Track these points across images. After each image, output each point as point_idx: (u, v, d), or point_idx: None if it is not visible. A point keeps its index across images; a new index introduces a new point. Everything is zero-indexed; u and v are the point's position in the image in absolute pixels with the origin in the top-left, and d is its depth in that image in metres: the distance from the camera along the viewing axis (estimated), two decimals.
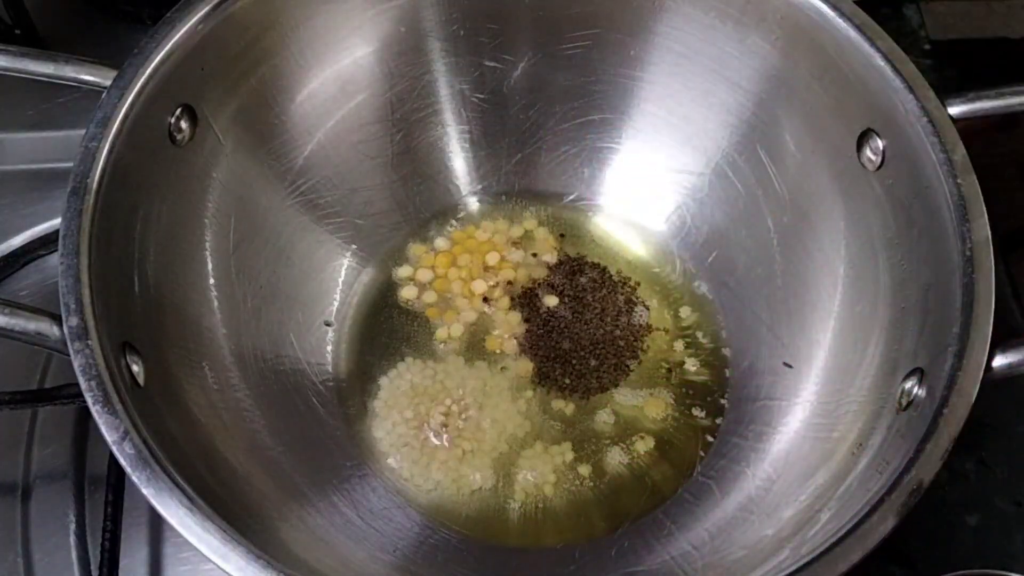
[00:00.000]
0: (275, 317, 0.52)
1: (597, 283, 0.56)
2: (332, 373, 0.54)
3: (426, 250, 0.57)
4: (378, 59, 0.54)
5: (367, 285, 0.56)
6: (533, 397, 0.53)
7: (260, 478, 0.45)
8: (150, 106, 0.44)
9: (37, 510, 0.51)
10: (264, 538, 0.39)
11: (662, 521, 0.49)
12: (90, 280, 0.40)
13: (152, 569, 0.49)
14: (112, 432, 0.37)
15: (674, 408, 0.53)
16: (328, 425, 0.52)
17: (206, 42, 0.46)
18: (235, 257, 0.51)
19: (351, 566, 0.45)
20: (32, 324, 0.40)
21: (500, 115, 0.57)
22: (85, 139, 0.43)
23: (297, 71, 0.52)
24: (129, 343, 0.41)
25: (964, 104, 0.45)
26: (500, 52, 0.55)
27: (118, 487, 0.48)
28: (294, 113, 0.53)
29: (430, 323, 0.56)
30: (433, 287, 0.56)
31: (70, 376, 0.39)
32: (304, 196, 0.54)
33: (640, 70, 0.55)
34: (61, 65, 0.45)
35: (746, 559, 0.44)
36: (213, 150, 0.49)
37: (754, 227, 0.54)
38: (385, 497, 0.50)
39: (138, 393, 0.40)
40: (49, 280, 0.57)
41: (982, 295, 0.40)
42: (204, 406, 0.45)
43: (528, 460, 0.51)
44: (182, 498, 0.36)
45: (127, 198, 0.44)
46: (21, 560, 0.49)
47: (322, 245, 0.55)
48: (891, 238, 0.46)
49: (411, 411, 0.52)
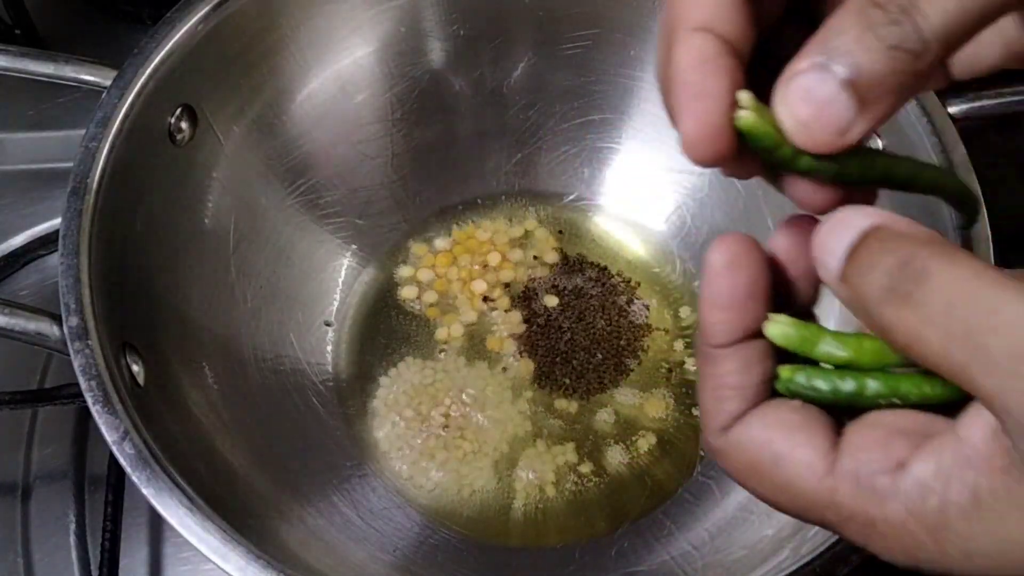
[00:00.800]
0: (275, 317, 0.52)
1: (597, 283, 0.56)
2: (332, 373, 0.54)
3: (427, 250, 0.57)
4: (378, 59, 0.54)
5: (367, 285, 0.56)
6: (533, 397, 0.53)
7: (260, 478, 0.45)
8: (150, 106, 0.44)
9: (37, 510, 0.51)
10: (264, 538, 0.39)
11: (662, 521, 0.49)
12: (90, 280, 0.40)
13: (152, 569, 0.49)
14: (112, 432, 0.37)
15: (674, 408, 0.53)
16: (328, 425, 0.52)
17: (206, 42, 0.46)
18: (235, 257, 0.51)
19: (351, 566, 0.45)
20: (32, 324, 0.40)
21: (500, 115, 0.57)
22: (85, 139, 0.43)
23: (297, 71, 0.52)
24: (129, 343, 0.41)
25: (964, 104, 0.45)
26: (500, 52, 0.55)
27: (118, 487, 0.48)
28: (294, 113, 0.53)
29: (430, 323, 0.55)
30: (433, 287, 0.56)
31: (70, 376, 0.39)
32: (304, 196, 0.54)
33: (640, 70, 0.55)
34: (61, 65, 0.45)
35: (746, 559, 0.44)
36: (213, 150, 0.49)
37: (754, 227, 0.54)
38: (385, 497, 0.50)
39: (138, 393, 0.40)
40: (49, 280, 0.57)
41: None
42: (204, 406, 0.45)
43: (529, 460, 0.51)
44: (182, 498, 0.36)
45: (127, 198, 0.44)
46: (21, 560, 0.49)
47: (322, 245, 0.55)
48: None
49: (411, 411, 0.52)
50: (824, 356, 0.24)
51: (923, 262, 0.21)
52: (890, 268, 0.21)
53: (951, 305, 0.20)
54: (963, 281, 0.20)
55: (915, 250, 0.21)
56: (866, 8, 0.21)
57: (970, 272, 0.20)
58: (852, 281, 0.22)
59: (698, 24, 0.23)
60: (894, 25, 0.21)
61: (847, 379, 0.24)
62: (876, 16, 0.21)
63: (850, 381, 0.24)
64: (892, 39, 0.21)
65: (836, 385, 0.24)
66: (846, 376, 0.24)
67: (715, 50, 0.23)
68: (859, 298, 0.22)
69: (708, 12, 0.23)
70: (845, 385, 0.24)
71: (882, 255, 0.21)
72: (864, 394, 0.23)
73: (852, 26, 0.21)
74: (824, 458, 0.23)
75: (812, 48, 0.21)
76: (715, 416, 0.24)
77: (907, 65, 0.21)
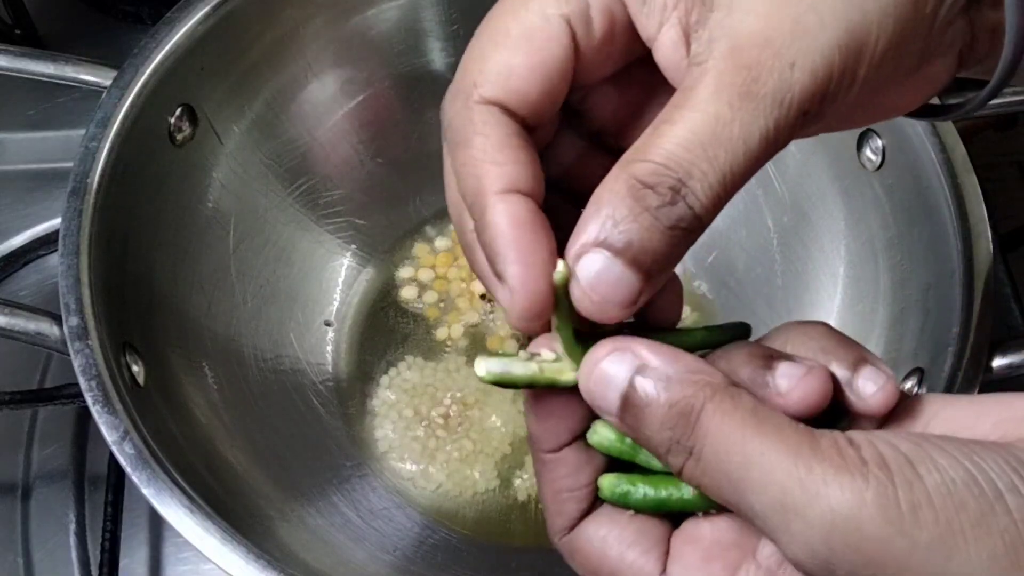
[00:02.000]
0: (275, 317, 0.52)
1: None
2: (332, 373, 0.54)
3: (428, 250, 0.57)
4: (378, 59, 0.54)
5: (367, 285, 0.56)
6: None
7: (260, 478, 0.45)
8: (150, 106, 0.44)
9: (37, 510, 0.51)
10: (264, 538, 0.39)
11: None
12: (90, 280, 0.40)
13: (152, 569, 0.49)
14: (112, 432, 0.37)
15: None
16: (328, 425, 0.52)
17: (206, 42, 0.46)
18: (235, 257, 0.51)
19: (351, 566, 0.45)
20: (32, 324, 0.40)
21: None
22: (85, 139, 0.42)
23: (297, 71, 0.52)
24: (129, 343, 0.41)
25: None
26: None
27: (118, 487, 0.48)
28: (294, 113, 0.52)
29: (430, 323, 0.56)
30: (433, 287, 0.56)
31: (70, 376, 0.39)
32: (304, 196, 0.54)
33: None
34: (61, 65, 0.45)
35: None
36: (213, 150, 0.49)
37: (754, 227, 0.54)
38: (385, 497, 0.50)
39: (138, 393, 0.40)
40: (49, 280, 0.57)
41: (982, 295, 0.40)
42: (204, 406, 0.45)
43: (529, 460, 0.51)
44: (182, 498, 0.36)
45: (127, 198, 0.44)
46: (21, 560, 0.49)
47: (322, 245, 0.55)
48: (891, 238, 0.46)
49: (411, 411, 0.52)
50: (646, 461, 0.24)
51: (698, 416, 0.22)
52: (671, 422, 0.22)
53: (721, 461, 0.21)
54: (729, 435, 0.21)
55: (691, 401, 0.22)
56: (635, 189, 0.22)
57: (738, 423, 0.21)
58: (634, 430, 0.23)
59: (505, 187, 0.24)
60: (669, 205, 0.22)
61: (668, 487, 0.24)
62: (648, 198, 0.22)
63: (670, 488, 0.24)
64: (669, 220, 0.22)
65: (655, 494, 0.24)
66: (668, 484, 0.24)
67: (529, 211, 0.24)
68: (643, 442, 0.23)
69: (512, 174, 0.24)
70: (664, 492, 0.24)
71: (659, 408, 0.22)
72: (684, 498, 0.24)
73: (625, 208, 0.22)
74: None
75: (592, 226, 0.22)
76: (556, 517, 0.25)
77: (685, 239, 0.22)
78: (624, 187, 0.22)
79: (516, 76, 0.24)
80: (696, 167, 0.22)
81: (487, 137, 0.24)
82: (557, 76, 0.25)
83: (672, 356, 0.23)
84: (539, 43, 0.24)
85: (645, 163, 0.22)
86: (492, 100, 0.24)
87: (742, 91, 0.22)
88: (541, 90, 0.24)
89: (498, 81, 0.24)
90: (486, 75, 0.24)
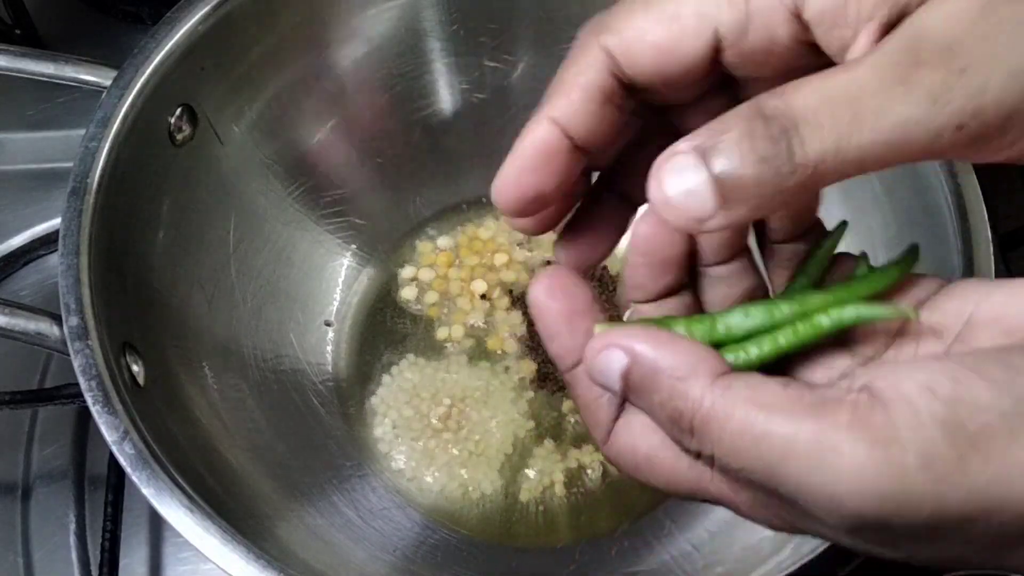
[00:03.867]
0: (275, 317, 0.52)
1: (598, 283, 0.56)
2: (332, 373, 0.54)
3: (430, 249, 0.57)
4: (378, 59, 0.54)
5: (367, 285, 0.56)
6: (535, 397, 0.53)
7: (260, 478, 0.45)
8: (150, 106, 0.44)
9: (37, 510, 0.51)
10: (264, 538, 0.39)
11: (662, 520, 0.49)
12: (90, 280, 0.40)
13: (152, 569, 0.49)
14: (112, 432, 0.37)
15: None
16: (328, 425, 0.52)
17: (206, 42, 0.46)
18: (235, 257, 0.51)
19: (351, 566, 0.45)
20: (32, 324, 0.40)
21: (501, 115, 0.57)
22: (85, 139, 0.42)
23: (297, 71, 0.52)
24: (129, 343, 0.41)
25: None
26: (500, 52, 0.55)
27: (118, 487, 0.48)
28: (294, 113, 0.52)
29: (430, 323, 0.55)
30: (434, 287, 0.56)
31: (70, 376, 0.39)
32: (304, 196, 0.54)
33: None
34: (61, 65, 0.45)
35: (746, 559, 0.44)
36: (213, 150, 0.49)
37: None
38: (385, 497, 0.50)
39: (138, 393, 0.40)
40: (49, 280, 0.57)
41: None
42: (204, 406, 0.45)
43: (531, 460, 0.51)
44: (182, 498, 0.36)
45: (127, 198, 0.44)
46: (21, 560, 0.49)
47: (322, 245, 0.55)
48: (891, 238, 0.46)
49: (411, 411, 0.52)
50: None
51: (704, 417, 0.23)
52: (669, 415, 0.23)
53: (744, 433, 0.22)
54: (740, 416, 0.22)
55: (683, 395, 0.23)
56: (753, 117, 0.22)
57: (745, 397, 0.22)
58: (637, 400, 0.25)
59: (553, 115, 0.26)
60: (770, 141, 0.21)
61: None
62: (758, 127, 0.22)
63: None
64: (764, 152, 0.21)
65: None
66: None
67: (556, 145, 0.26)
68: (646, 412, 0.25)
69: (566, 108, 0.26)
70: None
71: (653, 394, 0.24)
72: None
73: (735, 129, 0.22)
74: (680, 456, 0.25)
75: (698, 134, 0.22)
76: (595, 429, 0.27)
77: (772, 180, 0.22)
78: (745, 110, 0.22)
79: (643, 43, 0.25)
80: (816, 117, 0.21)
81: (580, 74, 0.25)
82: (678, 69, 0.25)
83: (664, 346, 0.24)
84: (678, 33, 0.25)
85: (772, 98, 0.22)
86: (609, 50, 0.25)
87: (899, 73, 0.21)
88: (655, 70, 0.25)
89: (625, 38, 0.25)
90: (621, 26, 0.25)
